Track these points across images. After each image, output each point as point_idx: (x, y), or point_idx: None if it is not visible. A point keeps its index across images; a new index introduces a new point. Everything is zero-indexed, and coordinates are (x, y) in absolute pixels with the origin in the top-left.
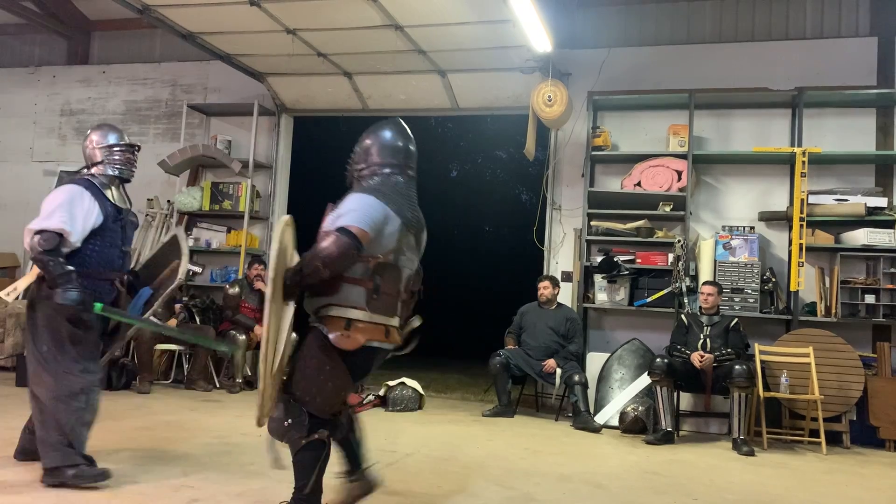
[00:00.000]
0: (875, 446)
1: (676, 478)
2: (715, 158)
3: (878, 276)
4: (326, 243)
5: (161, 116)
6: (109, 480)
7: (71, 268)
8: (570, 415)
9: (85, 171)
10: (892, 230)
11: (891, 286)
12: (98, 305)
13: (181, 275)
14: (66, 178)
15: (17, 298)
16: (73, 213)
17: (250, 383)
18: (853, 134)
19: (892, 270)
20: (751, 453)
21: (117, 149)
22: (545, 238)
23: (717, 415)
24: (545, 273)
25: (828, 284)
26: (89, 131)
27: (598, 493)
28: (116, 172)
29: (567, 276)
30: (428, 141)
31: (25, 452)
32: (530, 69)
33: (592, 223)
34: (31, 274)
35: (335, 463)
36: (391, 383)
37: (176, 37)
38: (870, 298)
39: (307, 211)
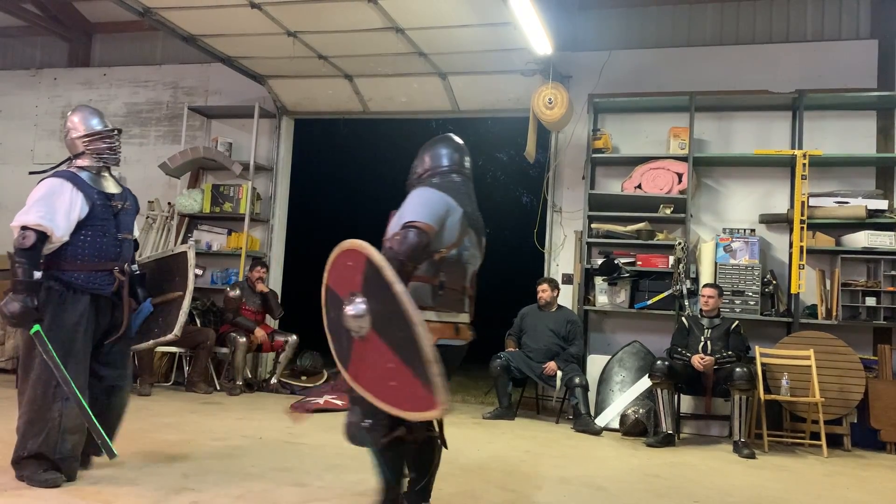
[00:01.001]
0: (876, 449)
1: (677, 480)
2: (715, 161)
3: (878, 278)
4: (397, 242)
5: (162, 119)
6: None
7: (37, 277)
8: (571, 417)
9: (66, 164)
10: (892, 233)
11: (891, 289)
12: (36, 327)
13: (180, 322)
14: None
15: None
16: (53, 207)
17: (250, 385)
18: (854, 136)
19: (893, 273)
20: (751, 456)
21: (97, 137)
22: (546, 240)
23: (717, 417)
24: (545, 275)
25: (828, 287)
26: (68, 115)
27: (598, 495)
28: (98, 162)
29: (568, 279)
30: None
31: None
32: (531, 72)
33: (593, 225)
34: None
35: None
36: None
37: (177, 39)
38: (870, 301)
39: (308, 213)
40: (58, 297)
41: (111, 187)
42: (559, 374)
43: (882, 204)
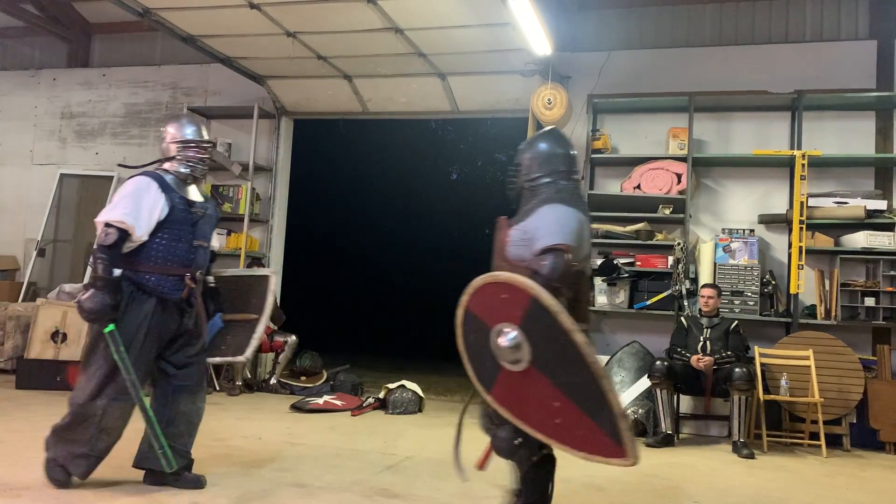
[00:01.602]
0: (875, 449)
1: (676, 481)
2: (715, 161)
3: (877, 278)
4: (548, 269)
5: (161, 119)
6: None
7: (117, 274)
8: None
9: (155, 164)
10: (891, 233)
11: (890, 289)
12: (110, 327)
13: (252, 346)
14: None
15: None
16: (138, 205)
17: (250, 386)
18: (853, 137)
19: (892, 273)
20: (751, 456)
21: (192, 145)
22: None
23: (717, 417)
24: None
25: (828, 287)
26: (169, 120)
27: (597, 495)
28: (188, 170)
29: None
30: (428, 144)
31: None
32: (530, 72)
33: (592, 226)
34: None
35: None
36: (391, 386)
37: (176, 40)
38: (870, 301)
39: (307, 213)
40: (127, 297)
41: (194, 195)
42: None
43: (881, 204)
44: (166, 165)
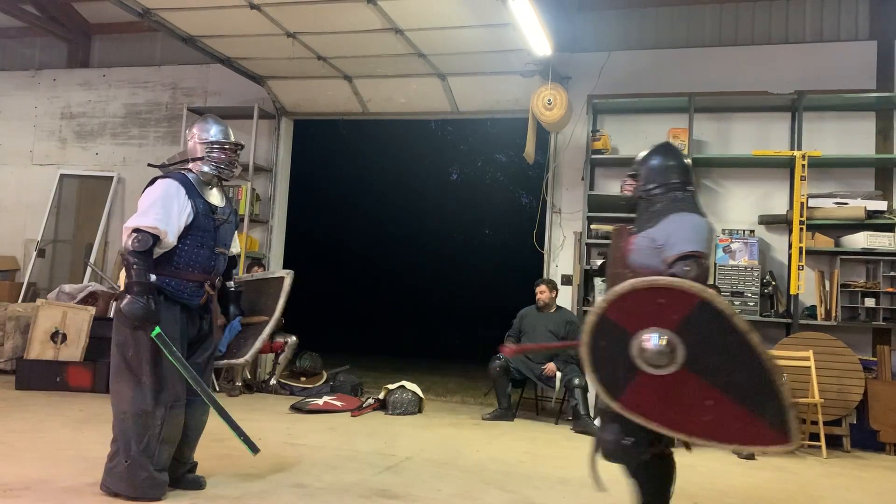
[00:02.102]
0: (875, 450)
1: (676, 481)
2: (715, 162)
3: (878, 279)
4: (688, 273)
5: (161, 119)
6: None
7: (152, 279)
8: (570, 418)
9: (184, 165)
10: (891, 233)
11: (891, 289)
12: (157, 329)
13: (255, 349)
14: (161, 171)
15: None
16: (168, 210)
17: (250, 387)
18: (853, 137)
19: (892, 274)
20: (751, 457)
21: (218, 146)
22: (545, 241)
23: None
24: (544, 276)
25: (828, 288)
26: (193, 124)
27: (597, 496)
28: (215, 171)
29: (567, 280)
30: (428, 144)
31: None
32: (530, 73)
33: (592, 226)
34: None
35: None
36: (391, 386)
37: (176, 40)
38: (870, 302)
39: (307, 214)
40: (153, 301)
41: (216, 199)
42: (558, 375)
43: (881, 205)
44: (191, 166)
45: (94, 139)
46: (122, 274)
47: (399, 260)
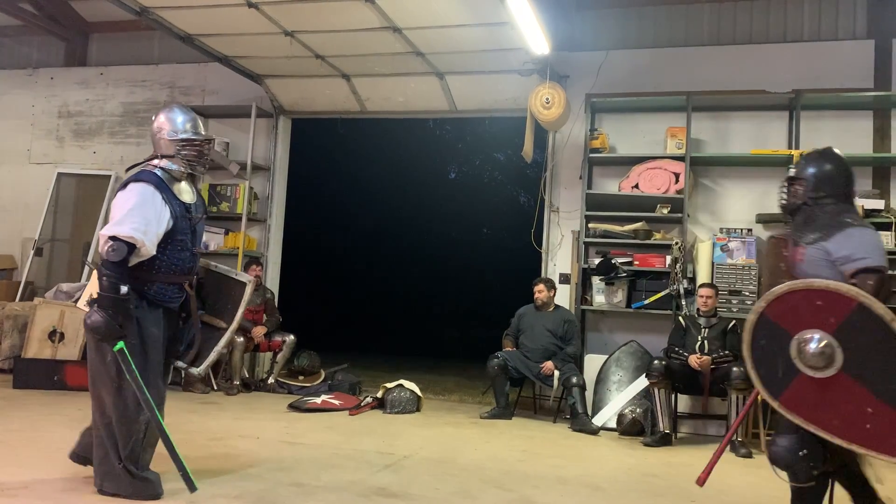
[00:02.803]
0: None
1: (674, 480)
2: (713, 161)
3: None
4: (871, 287)
5: None
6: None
7: (124, 290)
8: (568, 417)
9: (153, 161)
10: (889, 232)
11: None
12: (120, 344)
13: (209, 361)
14: (131, 171)
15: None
16: (146, 218)
17: (248, 386)
18: (850, 136)
19: (890, 272)
20: (748, 455)
21: (192, 143)
22: (543, 240)
23: (714, 417)
24: (542, 275)
25: None
26: (158, 115)
27: (595, 495)
28: (187, 168)
29: (565, 279)
30: (426, 143)
31: (80, 458)
32: (528, 71)
33: (590, 225)
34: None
35: None
36: (389, 385)
37: (174, 39)
38: None
39: (305, 213)
40: (135, 310)
41: (188, 196)
42: (556, 373)
43: (879, 203)
44: (161, 163)
45: (92, 138)
46: (94, 283)
47: (397, 259)
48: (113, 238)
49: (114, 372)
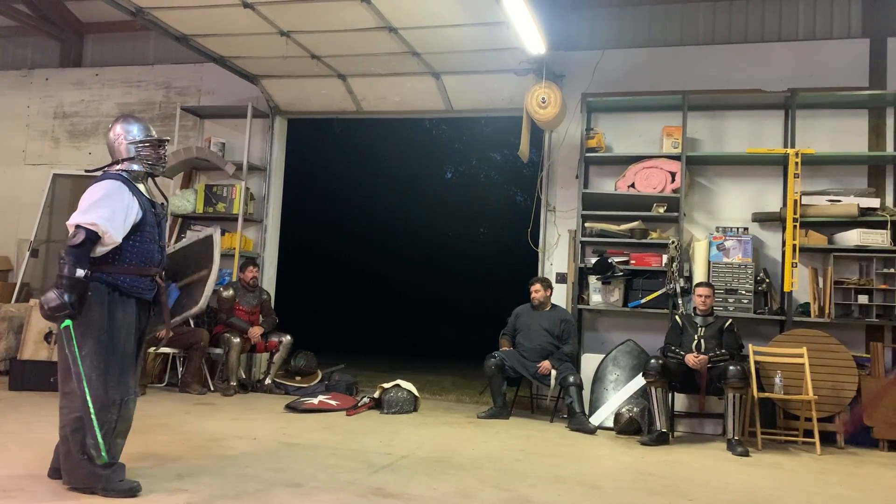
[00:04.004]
0: (869, 446)
1: (671, 479)
2: (708, 160)
3: (871, 276)
4: None
5: (155, 119)
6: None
7: (81, 274)
8: (566, 416)
9: (115, 166)
10: (884, 231)
11: (884, 286)
12: (67, 322)
13: (206, 294)
14: (98, 174)
15: None
16: (112, 209)
17: (245, 386)
18: (846, 135)
19: (885, 271)
20: (745, 454)
21: (149, 144)
22: (539, 239)
23: (711, 415)
24: (539, 275)
25: (821, 285)
26: (113, 124)
27: (593, 494)
28: (147, 168)
29: (561, 278)
30: (422, 143)
31: (58, 473)
32: (524, 71)
33: (586, 224)
34: None
35: None
36: (386, 385)
37: (169, 39)
38: (863, 299)
39: (301, 213)
40: (105, 298)
41: (151, 196)
42: (553, 373)
43: (874, 202)
44: (122, 166)
45: (88, 139)
46: None
47: (394, 259)
48: (77, 227)
49: (86, 364)
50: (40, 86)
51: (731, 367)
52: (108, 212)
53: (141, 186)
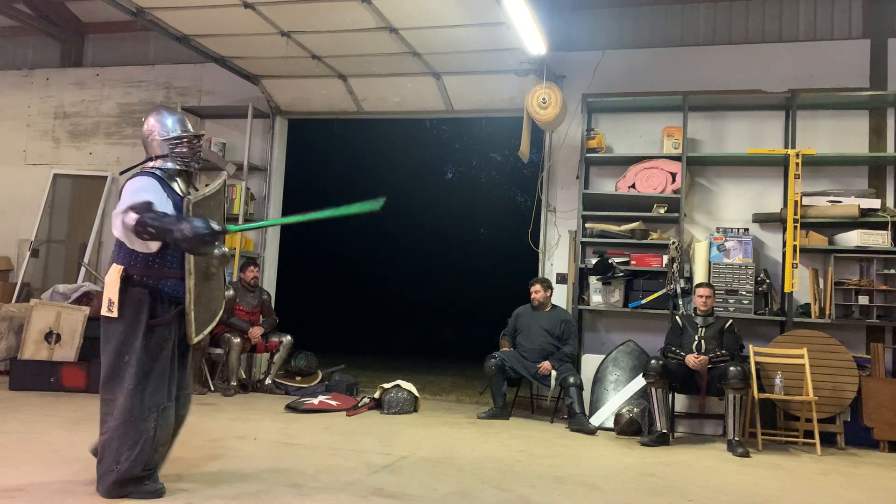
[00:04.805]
0: (869, 447)
1: (672, 479)
2: (709, 160)
3: (871, 277)
4: None
5: None
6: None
7: (172, 211)
8: (566, 417)
9: (149, 164)
10: (885, 231)
11: (884, 287)
12: (231, 227)
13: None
14: (127, 174)
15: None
16: (153, 198)
17: (245, 386)
18: (846, 136)
19: (886, 272)
20: (745, 454)
21: (184, 140)
22: (540, 240)
23: (711, 416)
24: (539, 275)
25: (822, 286)
26: (146, 117)
27: (593, 494)
28: (181, 166)
29: (562, 278)
30: (423, 143)
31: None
32: (525, 71)
33: (587, 225)
34: (114, 279)
35: None
36: (386, 385)
37: (170, 39)
38: (863, 300)
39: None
40: (147, 303)
41: (183, 192)
42: (554, 373)
43: (875, 203)
44: (155, 164)
45: (88, 139)
46: (110, 285)
47: (394, 259)
48: (130, 208)
49: (127, 372)
50: (41, 86)
51: (731, 368)
52: (150, 196)
53: (175, 185)
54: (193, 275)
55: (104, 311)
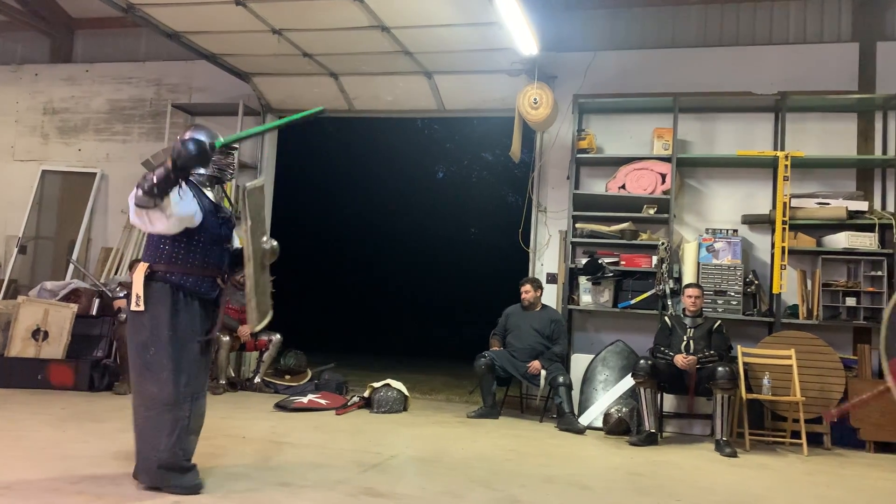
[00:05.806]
0: (855, 447)
1: (660, 479)
2: (699, 162)
3: (858, 279)
4: None
5: (145, 116)
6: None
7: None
8: (555, 416)
9: None
10: (872, 233)
11: (871, 289)
12: (219, 141)
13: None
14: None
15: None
16: (183, 189)
17: (234, 385)
18: (835, 138)
19: (873, 273)
20: (733, 454)
21: (222, 150)
22: (530, 240)
23: (700, 416)
24: (530, 275)
25: (810, 287)
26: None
27: (582, 494)
28: (215, 173)
29: (552, 278)
30: (414, 142)
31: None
32: (516, 72)
33: (577, 225)
34: (139, 275)
35: None
36: (376, 385)
37: (161, 36)
38: (851, 301)
39: (293, 211)
40: (170, 298)
41: (218, 200)
42: (543, 373)
43: (862, 205)
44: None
45: (77, 135)
46: (136, 281)
47: (385, 258)
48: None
49: (156, 363)
50: (30, 81)
51: (719, 369)
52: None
53: (209, 193)
54: (252, 261)
55: (133, 307)
